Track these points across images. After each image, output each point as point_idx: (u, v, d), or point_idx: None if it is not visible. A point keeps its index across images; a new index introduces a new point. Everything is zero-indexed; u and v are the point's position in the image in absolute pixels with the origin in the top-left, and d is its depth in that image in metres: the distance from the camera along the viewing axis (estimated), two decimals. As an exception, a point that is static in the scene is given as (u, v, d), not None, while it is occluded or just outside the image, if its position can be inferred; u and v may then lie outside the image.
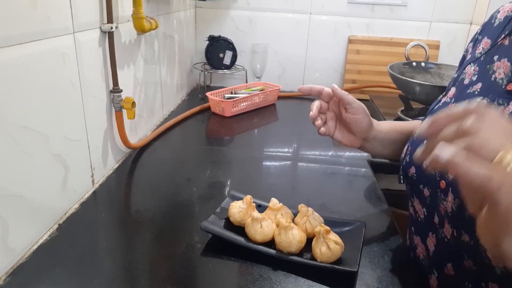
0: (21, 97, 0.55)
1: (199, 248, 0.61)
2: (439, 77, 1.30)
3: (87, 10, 0.70)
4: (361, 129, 0.66)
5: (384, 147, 0.70)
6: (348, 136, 0.68)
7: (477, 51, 0.60)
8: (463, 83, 0.59)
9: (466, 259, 0.49)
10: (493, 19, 0.60)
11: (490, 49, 0.57)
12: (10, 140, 0.54)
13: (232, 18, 1.49)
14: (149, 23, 0.90)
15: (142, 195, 0.77)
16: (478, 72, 0.57)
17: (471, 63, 0.59)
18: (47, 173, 0.63)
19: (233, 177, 0.87)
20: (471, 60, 0.60)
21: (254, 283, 0.54)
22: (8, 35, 0.52)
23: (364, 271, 0.58)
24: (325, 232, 0.57)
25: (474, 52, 0.61)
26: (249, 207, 0.64)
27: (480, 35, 0.62)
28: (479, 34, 0.63)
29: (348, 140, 0.68)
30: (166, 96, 1.19)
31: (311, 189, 0.82)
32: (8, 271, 0.55)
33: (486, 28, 0.61)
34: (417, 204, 0.59)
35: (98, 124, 0.78)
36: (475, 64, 0.58)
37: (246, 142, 1.08)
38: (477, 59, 0.59)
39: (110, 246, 0.61)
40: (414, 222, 0.61)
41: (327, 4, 1.45)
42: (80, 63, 0.69)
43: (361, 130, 0.66)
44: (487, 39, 0.59)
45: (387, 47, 1.48)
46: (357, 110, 0.64)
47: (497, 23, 0.59)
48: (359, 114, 0.64)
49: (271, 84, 1.39)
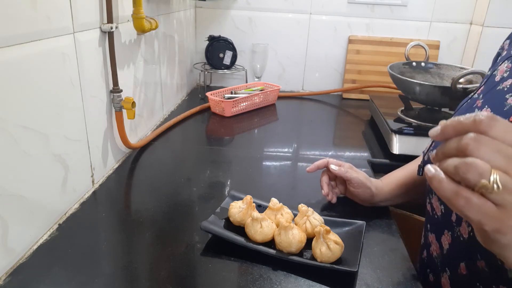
0: (21, 97, 0.55)
1: (199, 248, 0.61)
2: (439, 77, 1.30)
3: (87, 10, 0.70)
4: (365, 199, 0.72)
5: (393, 201, 0.75)
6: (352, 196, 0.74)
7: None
8: (494, 80, 0.58)
9: (479, 259, 0.48)
10: None
11: None
12: (10, 140, 0.54)
13: (232, 18, 1.49)
14: (149, 23, 0.90)
15: (142, 195, 0.77)
16: (510, 69, 0.56)
17: (505, 60, 0.58)
18: (47, 173, 0.63)
19: (233, 177, 0.87)
20: (507, 57, 0.59)
21: (254, 283, 0.54)
22: (8, 35, 0.52)
23: (364, 271, 0.58)
24: (325, 232, 0.57)
25: (510, 49, 0.60)
26: (249, 207, 0.64)
27: None
28: None
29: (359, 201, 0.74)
30: (166, 96, 1.19)
31: (311, 189, 0.82)
32: (8, 271, 0.55)
33: None
34: (435, 201, 0.58)
35: (98, 124, 0.78)
36: (509, 61, 0.57)
37: (246, 142, 1.08)
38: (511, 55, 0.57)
39: (110, 246, 0.61)
40: (430, 219, 0.60)
41: (327, 4, 1.45)
42: (80, 63, 0.69)
43: (365, 200, 0.73)
44: None
45: (387, 47, 1.48)
46: (357, 185, 0.71)
47: None
48: (359, 188, 0.71)
49: (271, 84, 1.39)
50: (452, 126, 0.34)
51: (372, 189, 0.71)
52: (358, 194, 0.72)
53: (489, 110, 0.53)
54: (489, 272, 0.47)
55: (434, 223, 0.59)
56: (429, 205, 0.61)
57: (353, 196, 0.74)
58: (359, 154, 1.00)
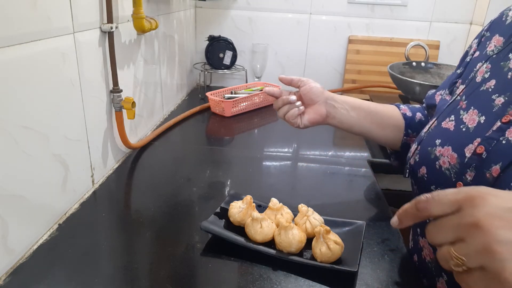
0: (21, 97, 0.55)
1: (199, 248, 0.61)
2: (439, 77, 1.30)
3: (87, 10, 0.70)
4: (317, 92, 0.73)
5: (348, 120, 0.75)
6: (312, 112, 0.74)
7: (489, 48, 0.59)
8: (475, 81, 0.57)
9: None
10: (505, 16, 0.59)
11: (505, 47, 0.56)
12: (10, 140, 0.54)
13: (232, 18, 1.49)
14: (149, 23, 0.90)
15: (142, 195, 0.77)
16: (490, 69, 0.56)
17: (484, 62, 0.58)
18: (47, 173, 0.63)
19: (233, 177, 0.87)
20: (483, 58, 0.59)
21: (254, 283, 0.54)
22: (8, 35, 0.52)
23: (364, 271, 0.58)
24: (325, 232, 0.57)
25: (483, 49, 0.60)
26: (249, 207, 0.64)
27: (489, 32, 0.61)
28: (487, 31, 0.62)
29: (314, 114, 0.74)
30: (166, 96, 1.19)
31: (311, 189, 0.82)
32: (8, 271, 0.55)
33: (496, 25, 0.60)
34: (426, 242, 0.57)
35: (98, 124, 0.78)
36: (487, 61, 0.57)
37: (246, 142, 1.08)
38: (490, 57, 0.58)
39: (110, 246, 0.61)
40: (420, 224, 0.60)
41: (327, 4, 1.45)
42: (80, 63, 0.69)
43: (318, 93, 0.73)
44: (499, 37, 0.58)
45: (387, 47, 1.48)
46: (306, 81, 0.74)
47: (510, 21, 0.58)
48: (311, 83, 0.73)
49: (271, 84, 1.39)
50: (404, 215, 0.38)
51: (325, 95, 0.74)
52: (310, 88, 0.73)
53: (476, 111, 0.53)
54: None
55: (425, 228, 0.58)
56: None
57: (307, 98, 0.74)
58: (359, 154, 1.00)
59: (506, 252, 0.30)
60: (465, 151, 0.51)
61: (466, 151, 0.51)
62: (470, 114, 0.54)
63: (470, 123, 0.53)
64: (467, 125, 0.53)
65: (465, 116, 0.54)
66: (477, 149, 0.49)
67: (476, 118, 0.52)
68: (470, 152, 0.50)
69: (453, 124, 0.56)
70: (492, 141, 0.48)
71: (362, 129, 0.75)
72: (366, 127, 0.75)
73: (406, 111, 0.78)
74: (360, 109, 0.75)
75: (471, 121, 0.53)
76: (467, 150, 0.51)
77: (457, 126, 0.55)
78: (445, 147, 0.54)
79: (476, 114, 0.53)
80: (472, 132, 0.52)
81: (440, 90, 0.71)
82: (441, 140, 0.55)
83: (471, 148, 0.50)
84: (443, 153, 0.54)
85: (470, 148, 0.50)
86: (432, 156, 0.56)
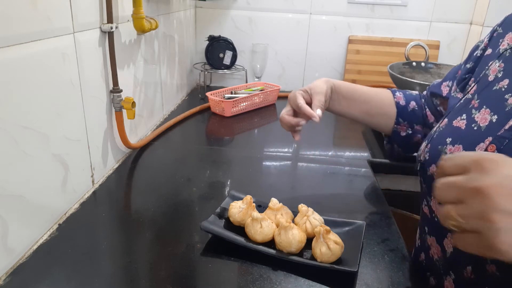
0: (21, 97, 0.55)
1: (199, 248, 0.61)
2: (439, 77, 1.30)
3: (87, 10, 0.70)
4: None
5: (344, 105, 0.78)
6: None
7: (501, 46, 0.58)
8: (487, 80, 0.57)
9: (489, 263, 0.47)
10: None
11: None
12: (10, 140, 0.54)
13: (232, 18, 1.49)
14: (149, 23, 0.90)
15: (142, 195, 0.77)
16: (504, 68, 0.55)
17: (496, 60, 0.57)
18: (47, 173, 0.63)
19: (233, 177, 0.87)
20: (496, 56, 0.58)
21: (254, 283, 0.54)
22: (8, 35, 0.52)
23: (364, 271, 0.58)
24: (325, 232, 0.57)
25: (496, 47, 0.59)
26: (249, 207, 0.64)
27: (502, 28, 0.60)
28: (500, 26, 0.61)
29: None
30: (166, 96, 1.19)
31: (311, 189, 0.82)
32: (8, 271, 0.55)
33: (510, 22, 0.59)
34: (435, 203, 0.57)
35: (98, 124, 0.78)
36: (500, 60, 0.57)
37: (246, 142, 1.08)
38: (501, 54, 0.57)
39: (110, 246, 0.61)
40: (429, 222, 0.59)
41: (327, 4, 1.45)
42: (80, 63, 0.69)
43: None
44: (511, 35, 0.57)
45: (387, 47, 1.48)
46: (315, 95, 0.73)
47: None
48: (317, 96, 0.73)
49: (271, 84, 1.39)
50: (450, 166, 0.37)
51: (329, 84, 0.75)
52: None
53: (488, 110, 0.53)
54: (500, 276, 0.46)
55: (434, 226, 0.58)
56: (426, 208, 0.60)
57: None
58: (359, 154, 1.00)
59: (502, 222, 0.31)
60: (476, 150, 0.50)
61: (477, 150, 0.50)
62: (482, 113, 0.53)
63: (482, 122, 0.52)
64: (478, 124, 0.53)
65: (477, 115, 0.54)
66: (488, 148, 0.49)
67: (488, 117, 0.52)
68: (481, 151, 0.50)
69: (464, 122, 0.55)
70: (504, 140, 0.48)
71: (352, 116, 0.79)
72: (355, 115, 0.79)
73: (400, 100, 0.79)
74: (351, 100, 0.77)
75: (483, 120, 0.53)
76: (478, 149, 0.50)
77: (469, 125, 0.54)
78: (456, 146, 0.54)
79: (488, 113, 0.52)
80: (483, 131, 0.51)
81: (446, 80, 0.71)
82: (452, 138, 0.55)
83: (482, 147, 0.50)
84: (454, 151, 0.53)
85: (481, 147, 0.50)
86: (443, 154, 0.55)
